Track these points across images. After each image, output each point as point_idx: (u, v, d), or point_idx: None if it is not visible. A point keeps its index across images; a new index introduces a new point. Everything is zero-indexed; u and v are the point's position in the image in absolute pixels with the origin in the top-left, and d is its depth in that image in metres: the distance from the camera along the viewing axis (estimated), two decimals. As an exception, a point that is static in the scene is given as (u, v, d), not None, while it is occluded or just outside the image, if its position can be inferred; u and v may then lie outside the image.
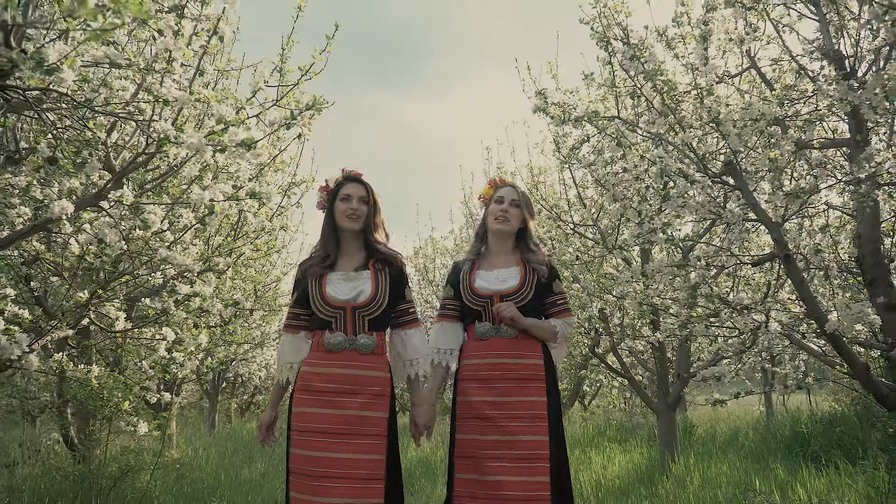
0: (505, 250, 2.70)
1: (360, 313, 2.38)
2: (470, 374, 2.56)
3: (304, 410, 2.31)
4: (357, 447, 2.24)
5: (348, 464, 2.21)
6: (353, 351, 2.36)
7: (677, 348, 6.16)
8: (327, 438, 2.24)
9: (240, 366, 10.88)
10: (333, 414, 2.26)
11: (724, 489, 3.99)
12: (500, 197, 2.69)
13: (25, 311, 3.09)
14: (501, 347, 2.54)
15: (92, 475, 4.21)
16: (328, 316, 2.38)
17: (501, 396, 2.47)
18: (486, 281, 2.62)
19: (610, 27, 3.56)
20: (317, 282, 2.42)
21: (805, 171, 3.30)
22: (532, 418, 2.45)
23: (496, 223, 2.66)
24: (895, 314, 3.36)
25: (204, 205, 2.79)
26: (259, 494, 4.64)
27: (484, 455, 2.41)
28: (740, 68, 4.10)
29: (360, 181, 2.53)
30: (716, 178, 3.37)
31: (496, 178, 2.85)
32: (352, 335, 2.36)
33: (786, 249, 3.28)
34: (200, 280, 3.21)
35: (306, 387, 2.34)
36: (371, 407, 2.31)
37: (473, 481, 2.42)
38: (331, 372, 2.33)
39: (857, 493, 3.43)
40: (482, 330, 2.57)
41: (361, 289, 2.40)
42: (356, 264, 2.47)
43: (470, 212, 8.99)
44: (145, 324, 3.44)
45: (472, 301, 2.60)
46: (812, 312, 3.28)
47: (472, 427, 2.47)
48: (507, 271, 2.63)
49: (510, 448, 2.40)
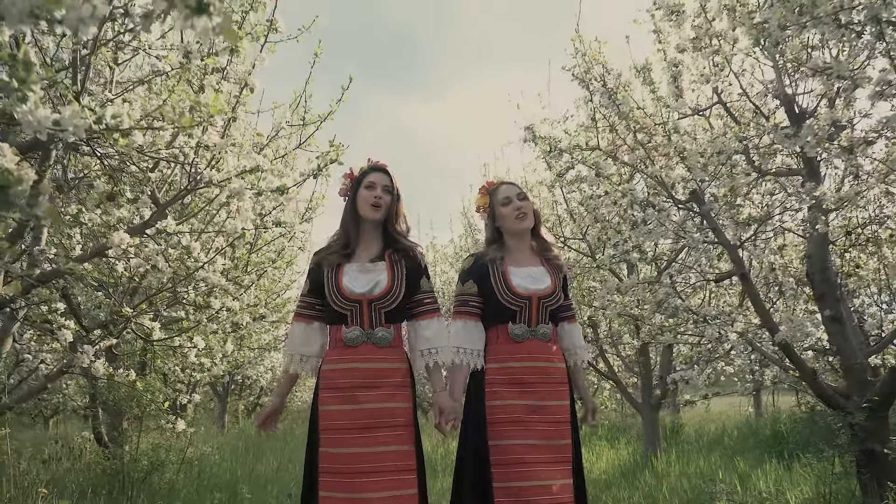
0: (524, 248, 2.61)
1: (376, 306, 2.33)
2: (504, 378, 2.44)
3: (330, 409, 2.29)
4: (385, 439, 2.23)
5: (380, 457, 2.20)
6: (371, 344, 2.32)
7: (661, 353, 6.63)
8: (354, 434, 2.22)
9: (248, 368, 11.33)
10: (356, 409, 2.24)
11: (696, 482, 4.44)
12: (507, 198, 2.59)
13: (72, 322, 3.56)
14: (539, 350, 2.46)
15: (125, 469, 4.67)
16: (344, 309, 2.33)
17: (542, 400, 2.41)
18: (521, 279, 2.51)
19: (590, 70, 4.02)
20: (333, 272, 2.37)
21: (761, 198, 3.75)
22: (561, 422, 2.43)
23: (518, 222, 2.55)
24: (840, 325, 3.81)
25: (236, 232, 3.24)
26: (275, 486, 5.08)
27: (527, 460, 2.33)
28: (710, 102, 4.55)
29: (385, 171, 2.49)
30: (682, 204, 3.82)
31: (485, 184, 2.74)
32: (368, 329, 2.32)
33: (742, 268, 3.75)
34: (229, 295, 3.67)
35: (330, 385, 2.31)
36: (393, 398, 2.29)
37: (519, 489, 2.31)
38: (351, 367, 2.30)
39: (808, 482, 3.88)
40: (518, 332, 2.47)
41: (377, 280, 2.35)
42: (373, 254, 2.42)
43: (469, 222, 9.44)
44: (178, 333, 3.88)
45: (511, 301, 2.47)
46: (766, 323, 3.75)
47: (511, 432, 2.37)
48: (536, 269, 2.55)
49: (550, 452, 2.36)
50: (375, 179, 2.45)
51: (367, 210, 2.42)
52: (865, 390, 3.65)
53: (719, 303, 4.84)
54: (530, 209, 2.58)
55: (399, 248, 2.44)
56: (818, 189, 3.19)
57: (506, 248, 2.61)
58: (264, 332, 8.16)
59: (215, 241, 3.46)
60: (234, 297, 3.54)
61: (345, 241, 2.43)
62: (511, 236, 2.61)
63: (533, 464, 2.33)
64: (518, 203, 2.56)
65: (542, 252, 2.61)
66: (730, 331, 3.68)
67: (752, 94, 3.87)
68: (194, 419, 5.31)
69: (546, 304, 2.49)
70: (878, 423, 3.55)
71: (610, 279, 5.09)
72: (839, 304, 3.83)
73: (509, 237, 2.62)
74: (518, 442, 2.36)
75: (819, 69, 2.75)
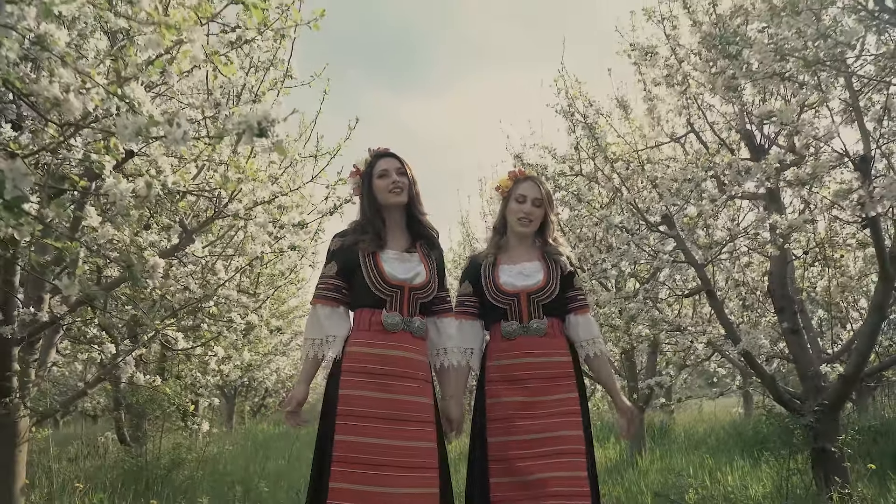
0: (526, 244, 2.59)
1: (415, 295, 2.30)
2: (499, 376, 2.46)
3: (357, 394, 2.17)
4: (412, 434, 2.17)
5: (406, 451, 2.14)
6: (409, 333, 2.27)
7: (647, 358, 7.05)
8: (383, 424, 2.14)
9: (255, 370, 11.77)
10: (388, 398, 2.17)
11: (672, 478, 4.86)
12: (522, 195, 2.54)
13: (104, 334, 3.99)
14: (530, 346, 2.45)
15: (149, 466, 5.09)
16: (385, 294, 2.26)
17: (533, 396, 2.40)
18: (510, 276, 2.51)
19: (572, 104, 4.44)
20: (370, 258, 2.29)
21: (724, 222, 4.17)
22: (564, 414, 2.39)
23: (518, 225, 2.54)
24: (797, 336, 4.23)
25: (256, 255, 3.67)
26: (287, 481, 5.50)
27: (517, 455, 2.34)
28: (685, 129, 4.97)
29: (391, 155, 2.43)
30: (654, 227, 4.24)
31: (517, 170, 2.71)
32: (407, 316, 2.28)
33: (708, 285, 4.17)
34: (247, 310, 4.09)
35: (360, 369, 2.20)
36: (422, 392, 2.25)
37: (512, 484, 2.33)
38: (389, 354, 2.22)
39: (770, 477, 4.29)
40: (510, 329, 2.46)
41: (417, 270, 2.32)
42: (405, 245, 2.38)
43: (468, 232, 9.86)
44: (201, 344, 4.30)
45: (498, 299, 2.48)
46: (730, 335, 4.17)
47: (504, 429, 2.40)
48: (530, 265, 2.53)
49: (542, 445, 2.34)
50: (387, 166, 2.38)
51: (388, 197, 2.35)
52: (819, 395, 4.06)
53: (701, 312, 5.25)
54: (538, 218, 2.54)
55: (426, 235, 2.41)
56: (771, 217, 3.60)
57: (506, 241, 2.61)
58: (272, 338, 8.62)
59: (234, 261, 3.88)
60: (251, 311, 3.95)
61: (375, 231, 2.34)
62: (512, 232, 2.60)
63: (525, 459, 2.32)
64: (529, 207, 2.52)
65: (543, 247, 2.57)
66: (697, 340, 4.10)
67: (717, 128, 4.28)
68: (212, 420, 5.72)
69: (537, 300, 2.46)
70: (829, 424, 3.97)
71: (598, 290, 5.51)
72: (796, 317, 4.25)
73: (510, 231, 2.61)
74: (509, 439, 2.37)
75: (765, 116, 3.16)
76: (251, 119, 1.36)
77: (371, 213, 2.39)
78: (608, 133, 4.30)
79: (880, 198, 2.38)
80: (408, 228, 2.43)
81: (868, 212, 2.50)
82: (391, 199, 2.36)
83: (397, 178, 2.36)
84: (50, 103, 1.41)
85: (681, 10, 4.19)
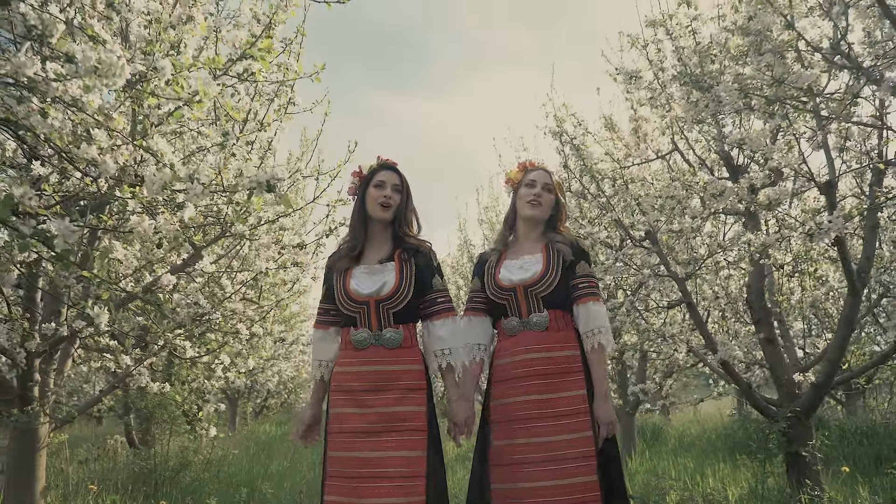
0: (533, 237, 2.54)
1: (384, 307, 2.29)
2: (500, 376, 2.42)
3: (339, 411, 2.27)
4: (392, 444, 2.18)
5: (385, 462, 2.16)
6: (380, 346, 2.28)
7: (638, 363, 7.28)
8: (360, 438, 2.20)
9: (258, 373, 12.02)
10: (364, 413, 2.22)
11: (655, 480, 5.09)
12: (532, 180, 2.52)
13: (115, 342, 4.22)
14: (530, 342, 2.36)
15: (157, 469, 5.33)
16: (352, 311, 2.31)
17: (536, 394, 2.31)
18: (509, 271, 2.47)
19: (561, 125, 4.66)
20: (341, 277, 2.36)
21: (703, 238, 4.39)
22: (572, 414, 2.27)
23: (528, 207, 2.49)
24: (773, 346, 4.46)
25: (260, 272, 3.90)
26: (290, 482, 5.74)
27: (516, 461, 2.27)
28: (669, 147, 5.20)
29: (394, 169, 2.45)
30: (638, 243, 4.47)
31: (527, 161, 2.67)
32: (377, 330, 2.28)
33: (688, 298, 4.40)
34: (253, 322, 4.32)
35: (339, 387, 2.30)
36: (404, 402, 2.24)
37: (510, 491, 2.26)
38: (360, 370, 2.27)
39: (747, 480, 4.52)
40: (510, 325, 2.43)
41: (385, 280, 2.32)
42: (382, 255, 2.39)
43: (466, 238, 10.09)
44: (208, 352, 4.53)
45: (496, 294, 2.45)
46: (708, 344, 4.40)
47: (505, 432, 2.33)
48: (531, 258, 2.47)
49: (548, 449, 2.24)
50: (385, 178, 2.40)
51: (375, 210, 2.38)
52: (793, 402, 4.29)
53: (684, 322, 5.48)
54: (548, 203, 2.50)
55: (408, 246, 2.39)
56: (745, 235, 3.83)
57: (515, 234, 2.59)
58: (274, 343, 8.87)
59: (238, 275, 4.11)
60: (255, 322, 4.19)
61: (353, 243, 2.40)
62: (522, 221, 2.56)
63: (525, 464, 2.24)
64: (538, 190, 2.49)
65: (549, 238, 2.51)
66: (678, 350, 4.33)
67: (699, 147, 4.51)
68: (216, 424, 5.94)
69: (534, 292, 2.39)
70: (802, 429, 4.19)
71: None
72: (772, 328, 4.48)
73: (520, 221, 2.57)
74: (509, 442, 2.30)
75: (736, 143, 3.39)
76: (261, 178, 1.60)
77: (356, 220, 2.44)
78: (595, 151, 4.52)
79: (827, 230, 2.61)
80: (391, 241, 2.43)
81: (816, 242, 2.72)
82: (377, 213, 2.38)
83: (390, 192, 2.38)
84: (86, 162, 1.64)
85: (664, 36, 4.42)
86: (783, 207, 4.37)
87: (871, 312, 4.74)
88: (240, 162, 3.56)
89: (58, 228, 1.38)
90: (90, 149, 1.60)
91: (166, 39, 2.61)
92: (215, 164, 3.39)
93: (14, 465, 3.70)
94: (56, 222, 1.37)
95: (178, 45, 2.69)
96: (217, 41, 3.43)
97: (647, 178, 4.69)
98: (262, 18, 2.62)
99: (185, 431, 5.34)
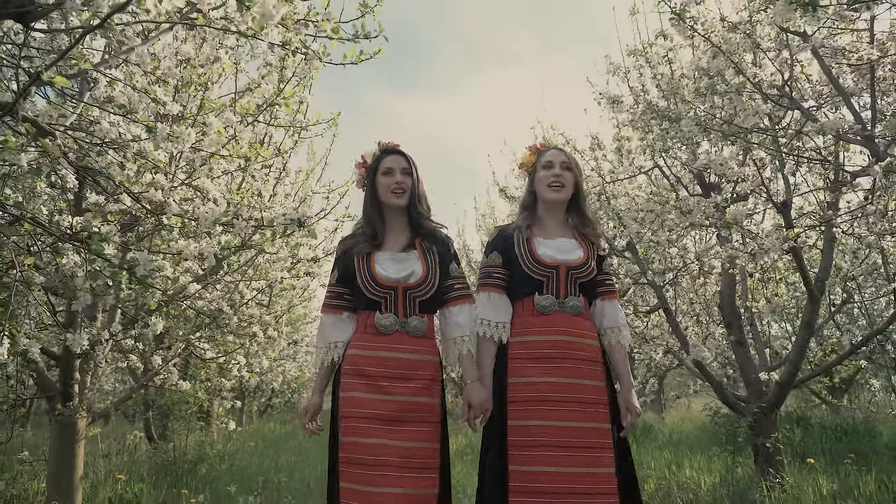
0: (558, 221, 2.46)
1: (411, 294, 2.26)
2: (525, 353, 2.31)
3: (355, 395, 2.19)
4: (411, 434, 2.16)
5: (404, 452, 2.13)
6: (405, 333, 2.24)
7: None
8: (380, 425, 2.14)
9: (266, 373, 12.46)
10: (385, 400, 2.17)
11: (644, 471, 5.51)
12: (549, 161, 2.43)
13: (140, 345, 4.64)
14: (566, 324, 2.30)
15: (177, 461, 5.75)
16: (378, 296, 2.25)
17: (566, 378, 2.25)
18: (549, 249, 2.37)
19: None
20: (363, 260, 2.28)
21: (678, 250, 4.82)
22: (594, 404, 2.25)
23: (550, 191, 2.40)
24: (743, 347, 4.88)
25: (275, 280, 4.32)
26: (300, 474, 6.16)
27: (540, 443, 2.19)
28: (651, 164, 5.62)
29: (399, 152, 2.39)
30: (619, 253, 4.89)
31: (538, 143, 2.60)
32: (403, 317, 2.24)
33: (665, 303, 4.82)
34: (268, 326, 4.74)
35: (356, 371, 2.22)
36: (424, 392, 2.22)
37: (534, 473, 2.17)
38: (382, 356, 2.22)
39: (718, 470, 4.94)
40: (545, 303, 2.33)
41: (413, 269, 2.28)
42: (403, 244, 2.34)
43: (463, 243, 10.50)
44: (225, 354, 4.95)
45: (536, 270, 2.34)
46: (683, 346, 4.82)
47: (532, 412, 2.23)
48: (568, 241, 2.40)
49: (569, 435, 2.19)
50: (392, 164, 2.35)
51: (389, 197, 2.33)
52: (760, 398, 4.71)
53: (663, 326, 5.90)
54: (570, 182, 2.42)
55: (427, 233, 2.36)
56: (713, 248, 4.25)
57: (537, 218, 2.48)
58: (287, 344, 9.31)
59: (254, 282, 4.53)
60: (270, 325, 4.61)
61: (371, 232, 2.33)
62: (544, 204, 2.47)
63: (554, 447, 2.17)
64: (558, 171, 2.41)
65: (577, 226, 2.45)
66: (655, 352, 4.75)
67: (673, 168, 4.93)
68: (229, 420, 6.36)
69: (575, 276, 2.34)
70: (768, 423, 4.61)
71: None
72: (742, 331, 4.90)
73: (542, 206, 2.47)
74: (538, 423, 2.21)
75: (702, 166, 3.81)
76: (292, 216, 2.02)
77: (371, 211, 2.37)
78: (583, 168, 4.95)
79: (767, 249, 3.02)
80: (409, 227, 2.39)
81: (758, 261, 3.14)
82: (392, 200, 2.33)
83: (401, 178, 2.33)
84: (153, 204, 2.06)
85: (645, 63, 4.84)
86: (754, 221, 4.80)
87: (832, 318, 5.16)
88: (259, 183, 4.00)
89: (140, 259, 1.79)
90: (156, 193, 2.02)
91: (198, 80, 3.04)
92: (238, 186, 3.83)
93: (56, 455, 4.12)
94: (140, 254, 1.80)
95: (206, 84, 3.13)
96: (237, 73, 3.86)
97: (630, 192, 5.10)
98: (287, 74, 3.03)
99: (201, 427, 5.75)
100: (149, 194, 2.03)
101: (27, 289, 2.52)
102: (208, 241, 2.44)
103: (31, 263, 2.13)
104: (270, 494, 4.97)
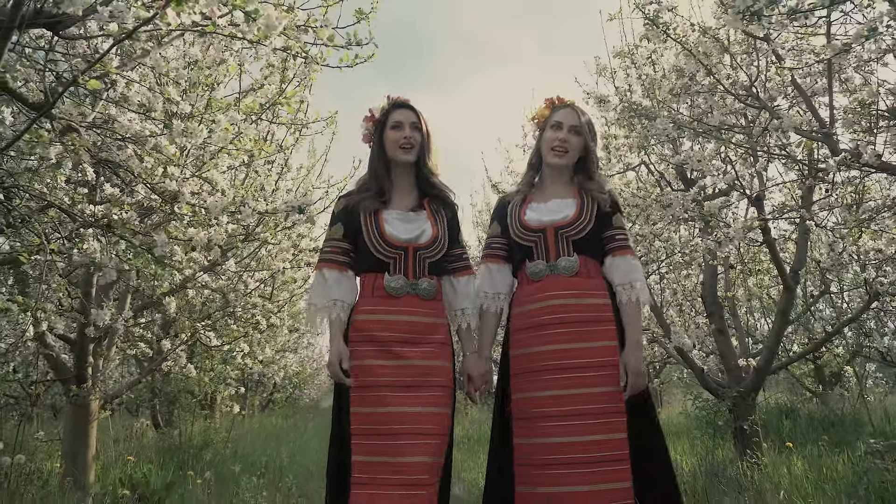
0: (562, 181, 2.37)
1: (421, 255, 2.16)
2: (523, 323, 2.26)
3: (365, 363, 2.09)
4: (426, 400, 2.07)
5: (421, 418, 2.05)
6: (415, 296, 2.15)
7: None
8: (393, 392, 2.05)
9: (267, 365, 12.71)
10: (398, 365, 2.08)
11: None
12: (558, 122, 2.31)
13: (149, 333, 4.89)
14: (558, 287, 2.21)
15: (182, 446, 6.00)
16: (387, 257, 2.15)
17: (564, 343, 2.16)
18: (538, 213, 2.31)
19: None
20: (371, 218, 2.18)
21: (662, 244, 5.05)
22: (599, 367, 2.13)
23: (552, 155, 2.31)
24: (723, 336, 5.11)
25: (277, 271, 4.56)
26: (304, 459, 6.41)
27: (543, 414, 2.13)
28: (637, 160, 5.84)
29: (409, 106, 2.29)
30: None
31: (556, 97, 2.45)
32: (413, 279, 2.15)
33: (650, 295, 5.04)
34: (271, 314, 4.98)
35: (366, 337, 2.12)
36: (437, 356, 2.14)
37: (534, 446, 2.14)
38: (393, 319, 2.12)
39: (699, 454, 5.18)
40: (535, 269, 2.26)
41: (423, 228, 2.19)
42: (411, 203, 2.25)
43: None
44: (230, 342, 5.19)
45: (522, 236, 2.29)
46: (666, 334, 5.05)
47: (529, 384, 2.19)
48: (562, 201, 2.31)
49: (573, 402, 2.11)
50: (402, 118, 2.25)
51: (397, 153, 2.23)
52: (739, 384, 4.94)
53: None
54: (575, 148, 2.31)
55: (436, 194, 2.29)
56: (693, 240, 4.48)
57: (541, 178, 2.42)
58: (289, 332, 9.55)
59: (257, 273, 4.78)
60: (273, 314, 4.85)
61: (378, 188, 2.23)
62: (548, 168, 2.39)
63: (554, 417, 2.11)
64: (564, 135, 2.29)
65: (581, 182, 2.34)
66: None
67: (656, 164, 5.16)
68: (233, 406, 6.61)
69: (565, 235, 2.25)
70: (746, 408, 4.84)
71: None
72: (723, 320, 5.13)
73: (546, 167, 2.39)
74: (535, 395, 2.16)
75: (682, 162, 4.04)
76: (294, 203, 2.25)
77: (378, 167, 2.27)
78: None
79: (729, 240, 3.26)
80: (417, 186, 2.30)
81: (720, 253, 3.37)
82: (400, 156, 2.23)
83: (410, 132, 2.22)
84: (168, 194, 2.30)
85: (631, 65, 5.07)
86: (731, 213, 5.03)
87: (807, 310, 5.40)
88: (262, 178, 4.24)
89: (158, 240, 2.03)
90: (171, 184, 2.26)
91: (205, 81, 3.28)
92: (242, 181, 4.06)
93: (70, 434, 4.37)
94: (158, 237, 2.04)
95: (213, 84, 3.37)
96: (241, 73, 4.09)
97: (618, 188, 5.33)
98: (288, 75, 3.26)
99: (205, 415, 5.99)
100: (163, 185, 2.26)
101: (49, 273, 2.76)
102: (216, 230, 2.68)
103: (56, 249, 2.37)
104: (273, 476, 5.21)
